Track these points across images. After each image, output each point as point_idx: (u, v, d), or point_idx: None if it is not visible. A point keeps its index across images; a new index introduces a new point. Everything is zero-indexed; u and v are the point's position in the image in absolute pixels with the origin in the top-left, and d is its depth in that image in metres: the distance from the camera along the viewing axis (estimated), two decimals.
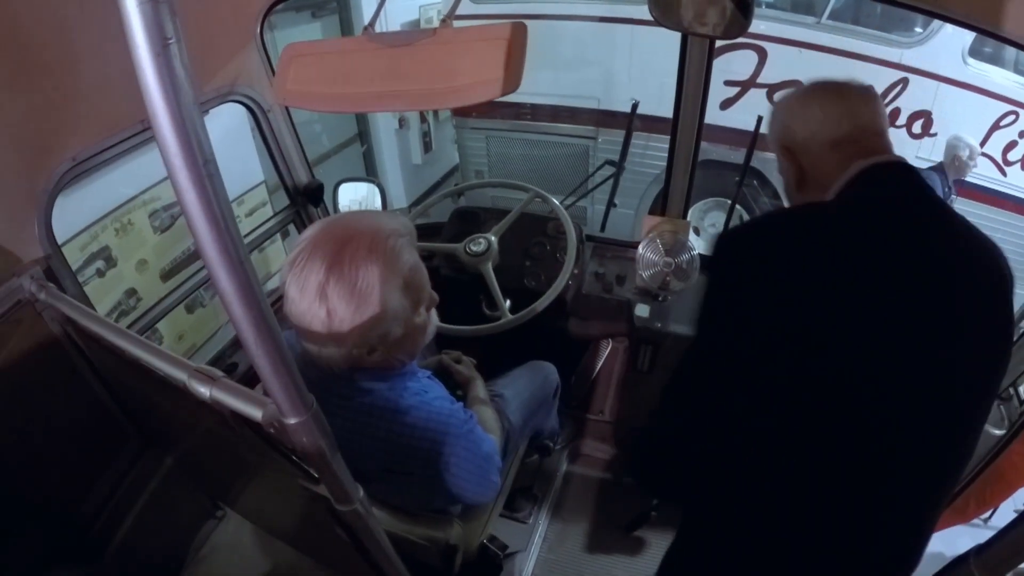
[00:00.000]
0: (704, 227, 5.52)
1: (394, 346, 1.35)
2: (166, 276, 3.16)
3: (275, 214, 2.90)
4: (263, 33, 2.35)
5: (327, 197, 2.90)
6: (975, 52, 4.70)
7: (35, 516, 1.99)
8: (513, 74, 1.38)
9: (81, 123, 1.88)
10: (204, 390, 1.17)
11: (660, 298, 2.50)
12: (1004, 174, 5.06)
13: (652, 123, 4.91)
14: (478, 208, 2.93)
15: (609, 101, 5.39)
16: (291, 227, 2.93)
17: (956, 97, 4.82)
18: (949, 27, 4.51)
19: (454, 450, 1.39)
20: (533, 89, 5.24)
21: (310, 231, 1.33)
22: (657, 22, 1.95)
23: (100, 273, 2.87)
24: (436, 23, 4.80)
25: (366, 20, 5.27)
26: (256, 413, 1.04)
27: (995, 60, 4.86)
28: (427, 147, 6.64)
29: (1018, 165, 5.02)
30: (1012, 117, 4.86)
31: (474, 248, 2.52)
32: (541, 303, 2.38)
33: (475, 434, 1.46)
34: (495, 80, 1.36)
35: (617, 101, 5.30)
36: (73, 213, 1.94)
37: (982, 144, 4.89)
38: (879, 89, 4.61)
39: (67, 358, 2.00)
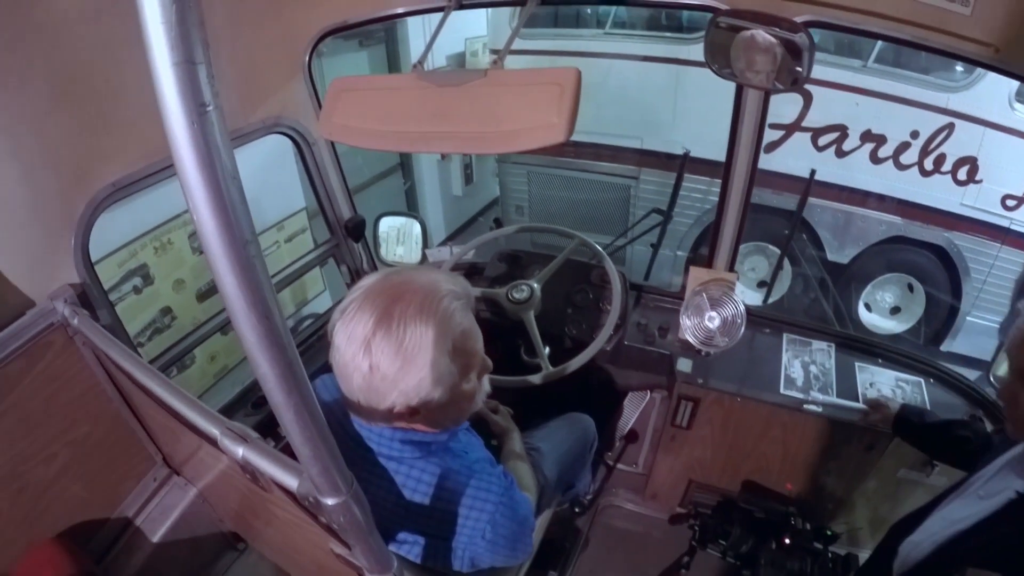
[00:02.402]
0: (744, 272, 5.42)
1: (438, 410, 1.28)
2: (202, 297, 3.16)
3: (315, 247, 2.88)
4: (311, 63, 2.34)
5: (367, 230, 2.88)
6: (1022, 97, 4.58)
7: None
8: (569, 120, 1.34)
9: (123, 149, 1.88)
10: (236, 450, 1.13)
11: (703, 353, 2.43)
12: None
13: (695, 165, 4.87)
14: (521, 251, 2.87)
15: (652, 141, 5.33)
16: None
17: (1002, 143, 4.67)
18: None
19: (493, 518, 1.32)
20: (576, 127, 5.21)
21: (366, 281, 1.28)
22: (713, 71, 1.91)
23: (137, 290, 2.87)
24: (482, 56, 4.85)
25: (412, 51, 5.31)
26: (291, 483, 1.00)
27: None
28: (468, 179, 6.66)
29: None
30: None
31: (517, 295, 2.45)
32: (584, 356, 2.30)
33: (514, 499, 1.39)
34: (552, 126, 1.32)
35: (660, 141, 5.27)
36: (113, 229, 1.94)
37: None
38: (924, 135, 4.57)
39: (96, 383, 1.99)
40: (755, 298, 5.32)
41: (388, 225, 2.86)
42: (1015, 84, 4.45)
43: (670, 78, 5.04)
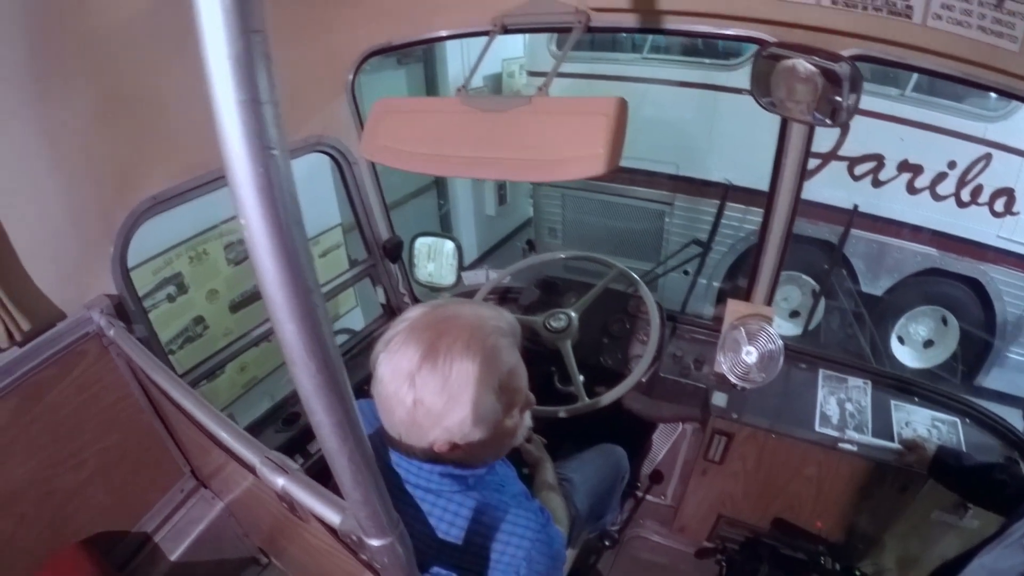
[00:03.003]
0: (776, 302, 5.32)
1: (479, 446, 1.26)
2: (235, 308, 3.18)
3: (353, 266, 2.89)
4: (355, 83, 2.36)
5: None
6: None
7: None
8: (616, 150, 1.33)
9: (164, 163, 1.91)
10: (276, 480, 1.12)
11: (739, 388, 2.39)
12: None
13: (732, 194, 4.83)
14: (558, 278, 2.86)
15: (688, 167, 5.29)
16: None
17: None
18: None
19: (529, 554, 1.30)
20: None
21: (411, 313, 1.27)
22: (756, 100, 1.89)
23: (171, 298, 2.90)
24: (518, 77, 4.87)
25: (450, 70, 5.33)
26: (333, 519, 0.98)
27: None
28: (502, 199, 6.68)
29: None
30: None
31: (554, 324, 2.43)
32: (622, 388, 2.29)
33: (550, 535, 1.37)
34: (596, 156, 1.31)
35: (696, 168, 5.22)
36: (149, 237, 1.96)
37: None
38: (961, 165, 4.48)
39: (128, 394, 2.00)
40: (788, 328, 5.25)
41: (424, 245, 2.85)
42: None
43: (707, 104, 5.00)
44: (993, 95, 4.44)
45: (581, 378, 2.31)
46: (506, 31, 1.95)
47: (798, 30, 1.72)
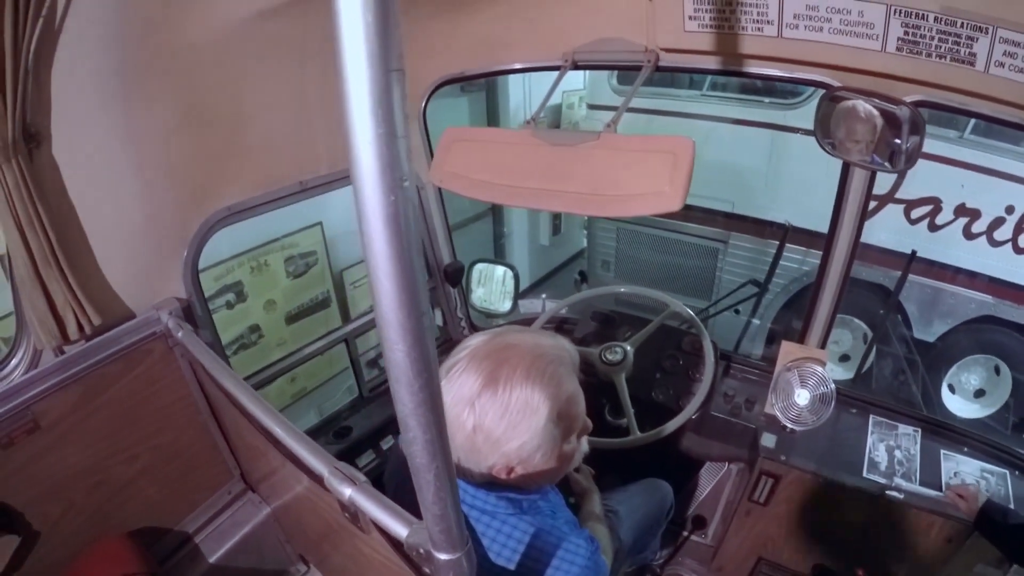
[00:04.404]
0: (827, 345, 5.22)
1: (536, 471, 1.30)
2: (291, 319, 3.26)
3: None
4: (426, 110, 2.42)
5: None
6: None
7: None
8: (682, 189, 1.36)
9: (240, 175, 1.98)
10: (344, 491, 1.15)
11: (789, 430, 2.38)
12: None
13: (800, 235, 4.53)
14: (614, 312, 2.88)
15: (744, 206, 5.26)
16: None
17: None
18: None
19: None
20: None
21: (472, 341, 1.31)
22: (818, 142, 1.90)
23: (230, 305, 2.99)
24: (578, 109, 4.91)
25: (511, 100, 5.37)
26: (400, 531, 1.01)
27: None
28: (556, 229, 6.69)
29: None
30: None
31: (610, 357, 2.47)
32: (674, 423, 2.32)
33: (597, 563, 1.38)
34: (664, 194, 1.34)
35: (752, 207, 5.19)
36: (213, 244, 2.04)
37: None
38: (1020, 210, 4.39)
39: (188, 394, 2.07)
40: (838, 372, 5.16)
41: (481, 272, 2.91)
42: None
43: (765, 143, 4.98)
44: None
45: (633, 411, 2.34)
46: (576, 67, 1.99)
47: (862, 75, 1.74)
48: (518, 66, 2.20)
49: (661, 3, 1.77)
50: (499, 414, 1.19)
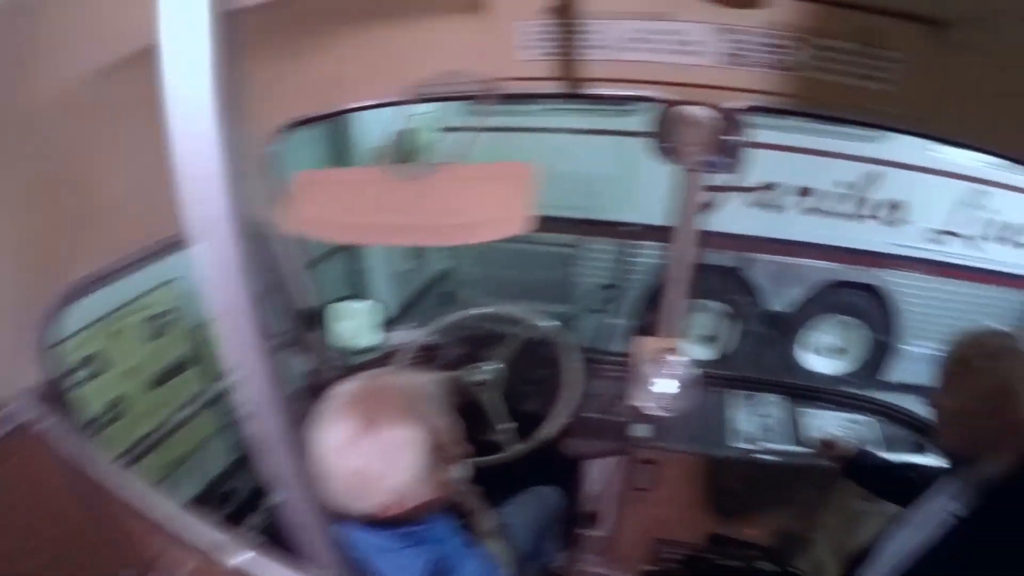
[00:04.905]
0: (688, 330, 5.44)
1: (422, 502, 1.33)
2: (156, 385, 3.11)
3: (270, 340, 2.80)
4: (276, 156, 2.38)
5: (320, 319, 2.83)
6: None
7: None
8: (527, 210, 1.43)
9: (93, 244, 1.89)
10: (232, 559, 1.15)
11: (658, 417, 2.50)
12: (977, 250, 5.27)
13: (647, 232, 4.99)
14: (478, 331, 2.92)
15: (599, 210, 5.37)
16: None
17: (924, 182, 5.03)
18: None
19: None
20: None
21: (342, 387, 1.33)
22: (654, 148, 2.02)
23: (89, 379, 2.82)
24: (430, 133, 4.83)
25: (361, 131, 5.23)
26: None
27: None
28: (417, 253, 6.47)
29: (994, 241, 5.24)
30: (977, 195, 5.10)
31: (479, 377, 2.54)
32: (547, 432, 2.41)
33: None
34: (507, 219, 1.41)
35: (607, 210, 5.33)
36: (69, 317, 1.93)
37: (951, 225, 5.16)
38: (853, 183, 4.89)
39: (60, 488, 1.93)
40: (703, 354, 5.46)
41: (343, 309, 2.87)
42: None
43: (614, 148, 5.17)
44: None
45: (512, 426, 2.43)
46: (422, 101, 2.04)
47: (693, 89, 1.86)
48: (366, 103, 2.21)
49: (494, 34, 1.85)
50: (378, 455, 1.23)
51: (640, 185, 4.62)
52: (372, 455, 1.24)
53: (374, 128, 5.55)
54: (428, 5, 1.83)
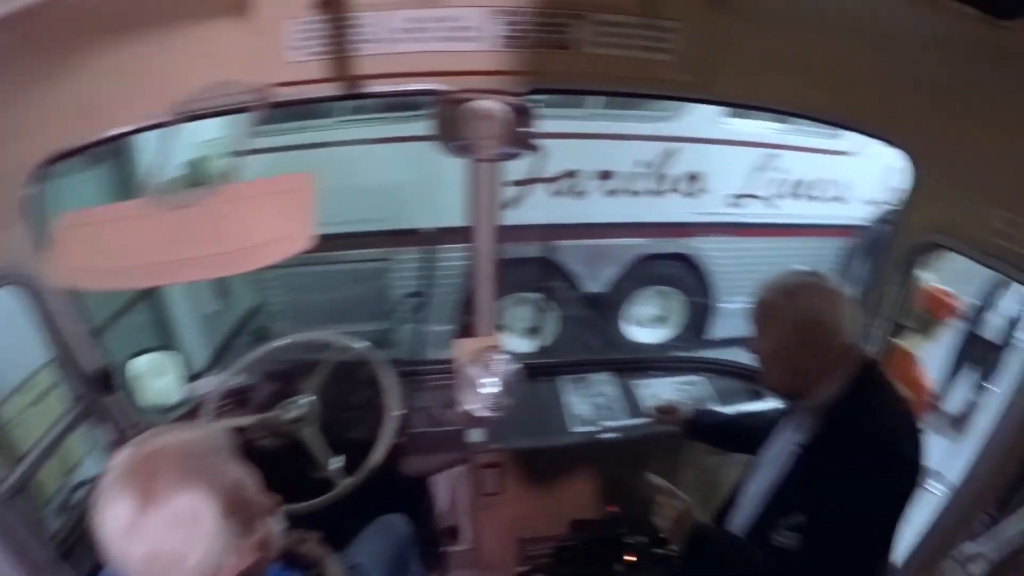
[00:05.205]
0: (510, 324, 5.56)
1: (241, 570, 1.18)
2: None
3: (62, 414, 2.39)
4: (31, 199, 2.08)
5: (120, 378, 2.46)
6: (727, 111, 5.25)
7: None
8: (306, 226, 1.35)
9: None
10: None
11: (491, 418, 2.39)
12: (774, 207, 5.86)
13: (448, 235, 4.90)
14: (286, 364, 2.70)
15: (402, 220, 5.24)
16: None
17: (719, 152, 5.46)
18: None
19: None
20: (325, 219, 4.87)
21: (117, 459, 1.13)
22: (444, 147, 1.96)
23: None
24: (218, 160, 4.50)
25: (145, 162, 4.83)
26: None
27: (743, 113, 5.41)
28: (222, 291, 5.93)
29: (789, 198, 5.86)
30: (769, 159, 5.65)
31: (291, 414, 2.32)
32: (374, 458, 2.27)
33: None
34: (291, 236, 1.33)
35: (411, 219, 5.20)
36: None
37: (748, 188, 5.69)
38: (651, 161, 5.15)
39: None
40: (528, 346, 5.49)
41: (142, 365, 2.53)
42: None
43: (411, 154, 4.92)
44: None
45: (340, 459, 2.27)
46: (189, 119, 1.87)
47: (474, 76, 1.81)
48: (125, 129, 1.99)
49: (261, 37, 1.71)
50: (167, 533, 1.07)
51: (442, 188, 4.45)
52: (160, 535, 1.07)
53: (159, 159, 5.09)
54: (188, 10, 1.66)
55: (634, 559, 2.39)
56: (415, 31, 1.71)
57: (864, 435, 1.62)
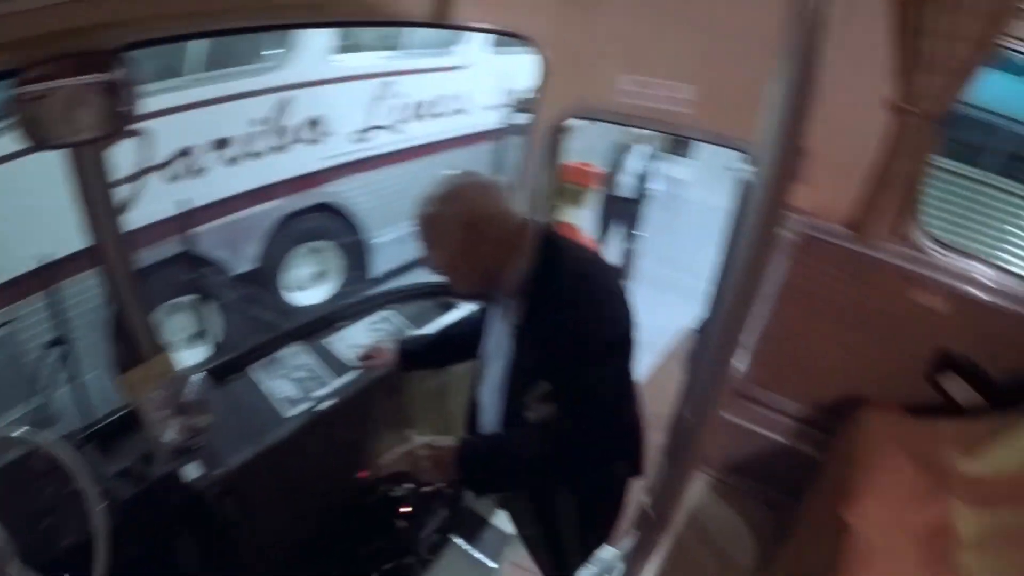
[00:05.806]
0: (178, 339, 4.93)
1: None
2: None
3: None
4: None
5: None
6: (335, 48, 5.23)
7: None
8: None
9: None
10: None
11: (199, 447, 2.06)
12: (402, 133, 6.01)
13: (72, 265, 3.74)
14: None
15: (10, 267, 3.84)
16: None
17: (335, 91, 5.36)
18: (306, 35, 4.95)
19: None
20: None
21: None
22: (37, 148, 1.52)
23: None
24: None
25: None
26: None
27: (351, 47, 5.49)
28: None
29: (413, 121, 6.07)
30: (385, 87, 5.72)
31: None
32: (99, 563, 1.65)
33: None
34: None
35: (17, 263, 3.77)
36: None
37: (372, 121, 5.74)
38: (267, 117, 4.90)
39: None
40: (202, 354, 4.84)
41: None
42: (328, 42, 5.14)
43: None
44: (266, 50, 4.98)
45: None
46: None
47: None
48: None
49: None
50: None
51: (43, 213, 3.45)
52: None
53: None
54: None
55: (410, 509, 2.41)
56: None
57: (568, 287, 1.71)
